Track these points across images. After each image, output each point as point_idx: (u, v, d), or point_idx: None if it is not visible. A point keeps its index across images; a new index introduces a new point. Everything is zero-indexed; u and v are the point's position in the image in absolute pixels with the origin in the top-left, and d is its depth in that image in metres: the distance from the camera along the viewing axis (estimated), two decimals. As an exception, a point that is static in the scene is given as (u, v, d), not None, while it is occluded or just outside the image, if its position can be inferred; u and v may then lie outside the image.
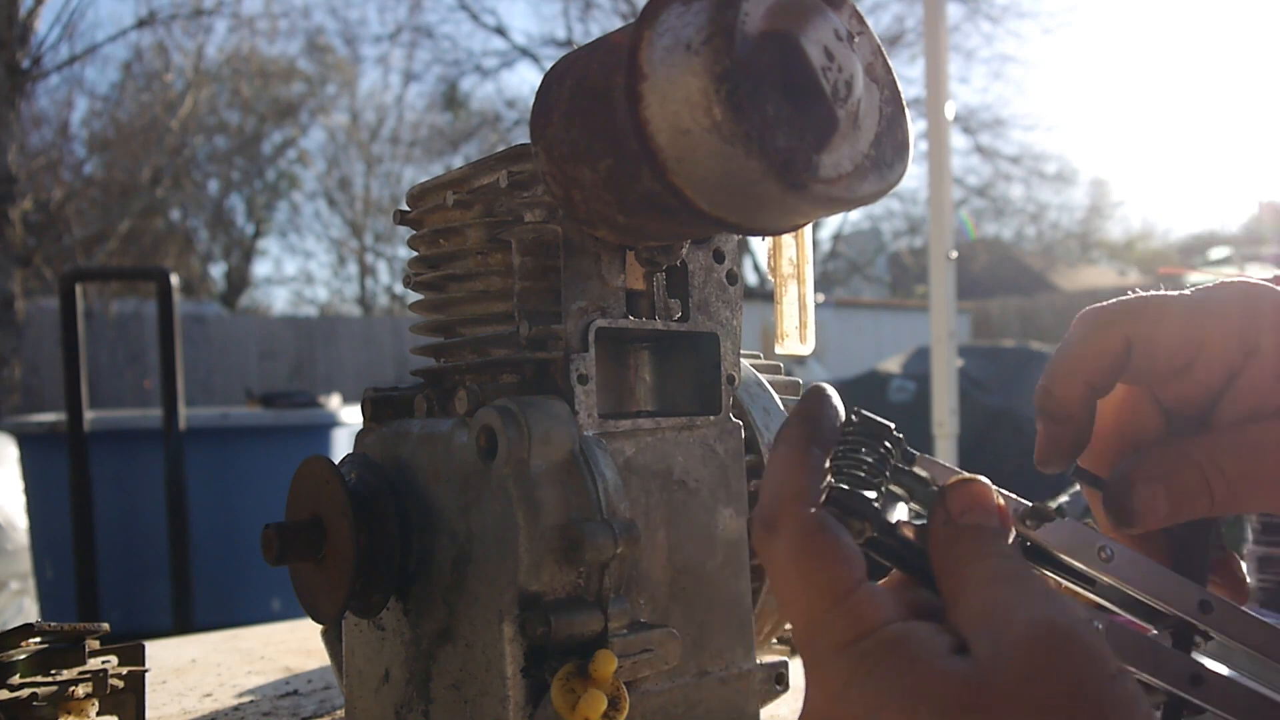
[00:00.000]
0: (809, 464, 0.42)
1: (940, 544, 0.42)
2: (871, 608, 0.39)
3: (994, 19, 20.46)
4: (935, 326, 3.25)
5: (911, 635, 0.38)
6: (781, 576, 0.41)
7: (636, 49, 0.51)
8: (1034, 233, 23.45)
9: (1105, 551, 0.44)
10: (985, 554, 0.40)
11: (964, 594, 0.39)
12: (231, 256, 18.23)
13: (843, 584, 0.40)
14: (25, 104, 9.04)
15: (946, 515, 0.42)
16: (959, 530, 0.42)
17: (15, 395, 7.67)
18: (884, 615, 0.39)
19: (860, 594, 0.39)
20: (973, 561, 0.40)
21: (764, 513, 0.42)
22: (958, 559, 0.41)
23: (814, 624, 0.40)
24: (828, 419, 0.44)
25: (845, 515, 0.42)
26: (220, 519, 3.97)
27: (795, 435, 0.43)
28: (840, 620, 0.39)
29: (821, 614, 0.40)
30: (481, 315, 0.69)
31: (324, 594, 0.68)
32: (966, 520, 0.42)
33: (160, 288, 3.40)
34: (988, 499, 0.43)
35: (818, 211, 0.54)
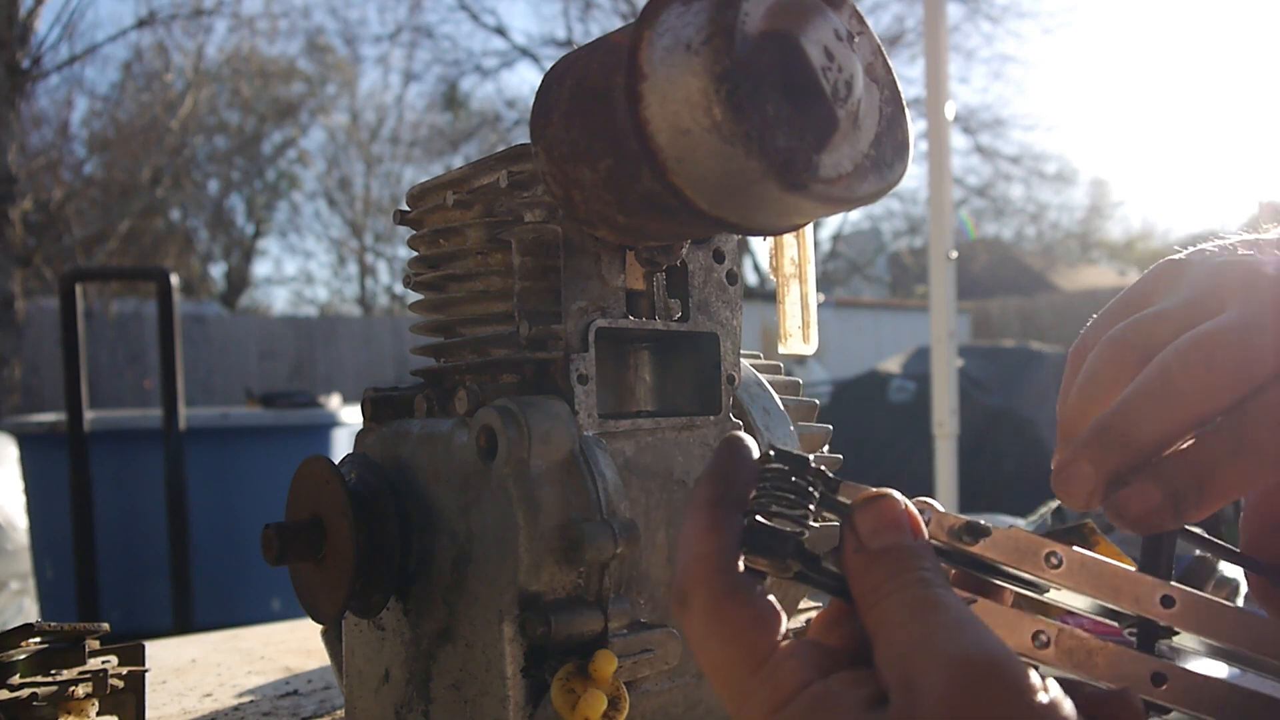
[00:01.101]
0: (717, 526, 0.41)
1: (855, 574, 0.40)
2: (788, 672, 0.38)
3: (994, 19, 20.49)
4: (935, 326, 3.25)
5: (829, 695, 0.37)
6: (700, 649, 0.40)
7: (636, 49, 0.51)
8: (1034, 233, 23.48)
9: (1054, 558, 0.43)
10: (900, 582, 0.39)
11: (881, 632, 0.38)
12: (231, 256, 18.24)
13: (759, 651, 0.39)
14: (25, 104, 9.05)
15: (857, 540, 0.41)
16: (871, 556, 0.40)
17: (15, 395, 7.67)
18: (801, 678, 0.38)
19: (776, 659, 0.38)
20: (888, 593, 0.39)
21: (676, 586, 0.41)
22: (873, 590, 0.39)
23: (736, 695, 0.39)
24: (737, 473, 0.42)
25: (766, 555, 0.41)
26: (220, 519, 3.97)
27: (701, 497, 0.42)
28: (760, 689, 0.38)
29: (742, 684, 0.39)
30: (481, 315, 0.69)
31: (324, 594, 0.68)
32: (877, 543, 0.40)
33: (160, 288, 3.40)
34: (896, 515, 0.41)
35: (818, 211, 0.54)
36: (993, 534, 0.43)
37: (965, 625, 0.36)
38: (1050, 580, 0.43)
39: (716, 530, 0.41)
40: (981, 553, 0.43)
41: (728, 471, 0.42)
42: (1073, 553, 0.43)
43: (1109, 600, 0.43)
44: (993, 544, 0.43)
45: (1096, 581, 0.43)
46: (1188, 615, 0.43)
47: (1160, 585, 0.43)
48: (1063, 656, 0.42)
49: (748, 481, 0.42)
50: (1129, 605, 0.43)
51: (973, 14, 16.88)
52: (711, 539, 0.41)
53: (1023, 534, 0.43)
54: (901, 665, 0.36)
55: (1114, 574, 0.43)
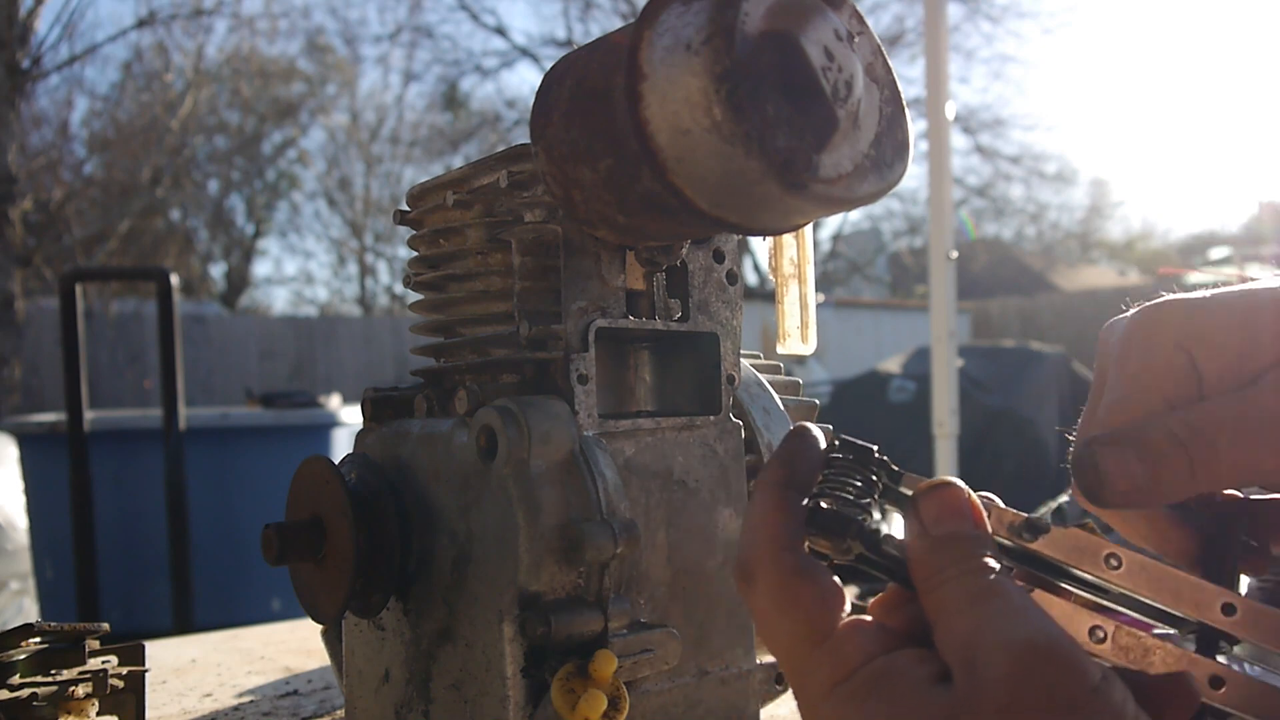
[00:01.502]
0: (784, 507, 0.42)
1: (917, 559, 0.41)
2: (853, 647, 0.39)
3: (994, 19, 20.48)
4: (935, 326, 3.25)
5: (893, 670, 0.38)
6: (764, 625, 0.41)
7: (636, 49, 0.51)
8: (1034, 233, 23.47)
9: (1114, 560, 0.43)
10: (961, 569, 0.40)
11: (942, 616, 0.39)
12: (231, 256, 18.24)
13: (823, 627, 0.40)
14: (25, 104, 9.04)
15: (920, 527, 0.42)
16: (934, 543, 0.41)
17: (15, 395, 7.67)
18: (866, 652, 0.39)
19: (841, 634, 0.39)
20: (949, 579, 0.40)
21: (741, 562, 0.42)
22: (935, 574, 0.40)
23: (800, 669, 0.40)
24: (804, 458, 0.44)
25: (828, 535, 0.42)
26: (220, 519, 3.97)
27: (770, 479, 0.43)
28: (824, 663, 0.39)
29: (805, 658, 0.40)
30: (481, 315, 0.69)
31: (324, 594, 0.68)
32: (940, 530, 0.41)
33: (160, 288, 3.40)
34: (960, 504, 0.42)
35: (818, 211, 0.54)
36: (1052, 532, 0.43)
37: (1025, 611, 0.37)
38: (1110, 581, 0.43)
39: (783, 510, 0.42)
40: (1040, 550, 0.43)
41: (795, 456, 0.44)
42: (1133, 555, 0.43)
43: (1169, 605, 0.43)
44: (1051, 542, 0.43)
45: (1157, 585, 0.43)
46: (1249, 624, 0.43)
47: (1222, 593, 0.43)
48: (1119, 653, 0.42)
49: (813, 467, 0.44)
50: (1189, 610, 0.43)
51: (973, 14, 16.88)
52: (778, 518, 0.42)
53: (1082, 534, 0.43)
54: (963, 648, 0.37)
55: (1175, 578, 0.43)
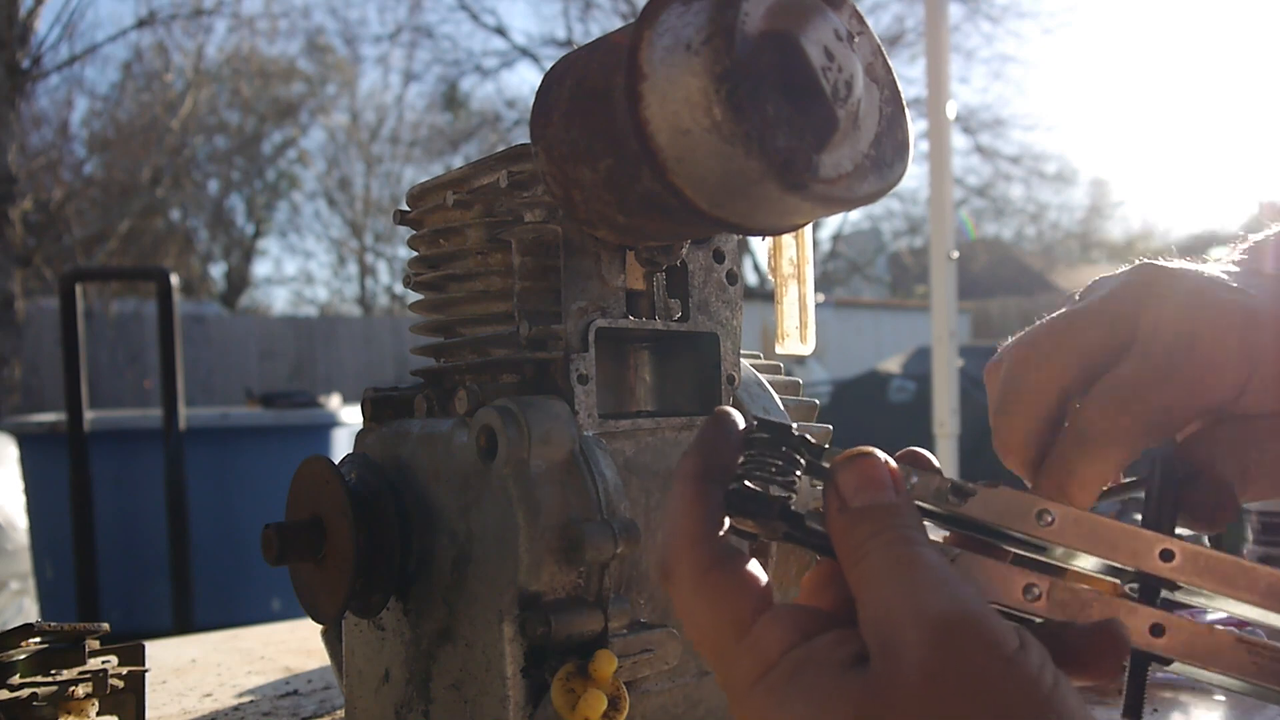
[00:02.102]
0: (699, 499, 0.42)
1: (838, 533, 0.41)
2: (773, 637, 0.38)
3: (994, 19, 20.48)
4: (936, 326, 3.25)
5: (810, 659, 0.37)
6: (687, 619, 0.41)
7: (636, 49, 0.51)
8: (1034, 233, 23.46)
9: (1047, 515, 0.43)
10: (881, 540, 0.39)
11: (863, 591, 0.39)
12: (231, 256, 18.24)
13: (743, 618, 0.39)
14: (25, 104, 9.05)
15: (839, 500, 0.41)
16: (853, 515, 0.40)
17: (15, 395, 7.67)
18: (786, 641, 0.38)
19: (761, 625, 0.39)
20: (870, 551, 0.39)
21: (660, 560, 0.42)
22: (856, 548, 0.40)
23: (724, 664, 0.40)
24: (720, 445, 0.43)
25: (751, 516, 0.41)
26: (220, 519, 3.97)
27: (685, 471, 0.43)
28: (745, 656, 0.39)
29: (728, 653, 0.39)
30: (481, 315, 0.69)
31: (324, 594, 0.68)
32: (859, 501, 0.41)
33: (160, 288, 3.40)
34: (878, 473, 0.41)
35: (818, 211, 0.54)
36: (979, 493, 0.43)
37: (942, 583, 0.37)
38: (1044, 538, 0.43)
39: (699, 503, 0.41)
40: (970, 513, 0.43)
41: (711, 445, 0.43)
42: (1066, 509, 0.43)
43: (1106, 556, 0.43)
44: (981, 503, 0.43)
45: (1092, 537, 0.43)
46: (1188, 568, 0.42)
47: (1159, 539, 0.43)
48: (1055, 609, 0.42)
49: (732, 454, 0.43)
50: (1127, 560, 0.43)
51: (973, 14, 16.88)
52: (693, 511, 0.41)
53: (1012, 492, 0.43)
54: (880, 626, 0.37)
55: (1110, 529, 0.43)
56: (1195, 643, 0.42)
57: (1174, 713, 0.80)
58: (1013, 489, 0.43)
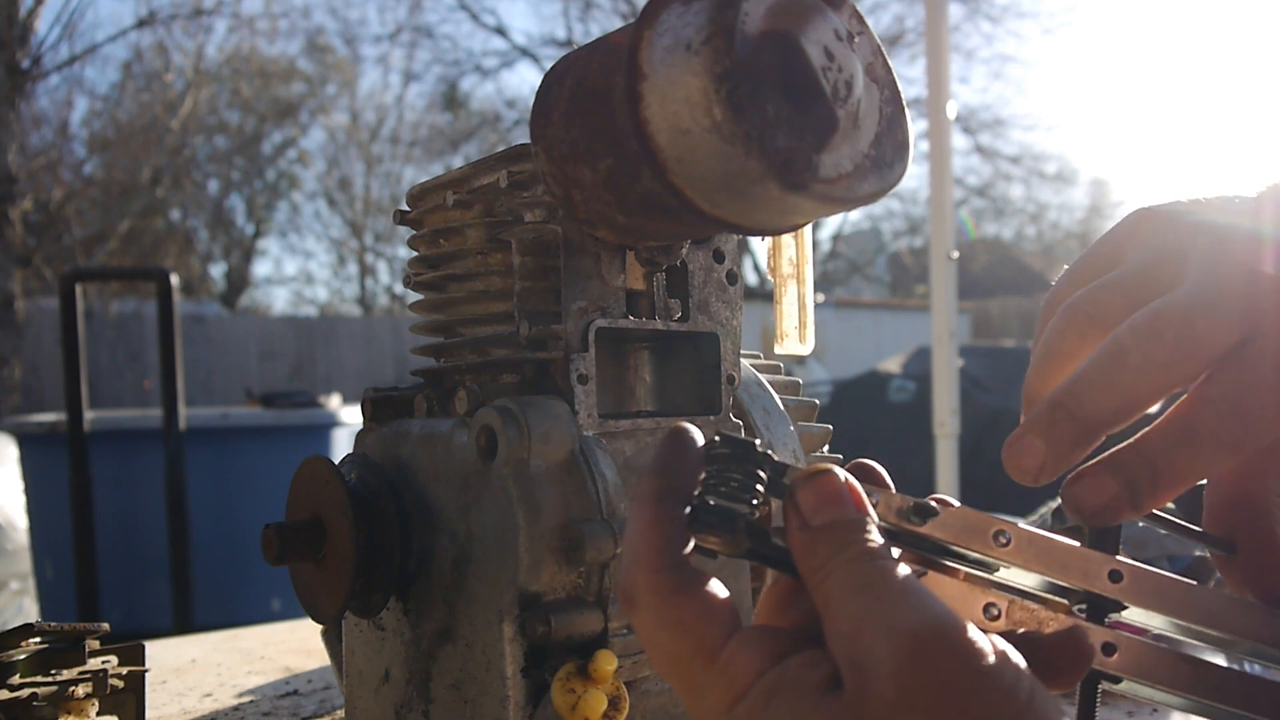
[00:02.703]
0: (659, 521, 0.40)
1: (800, 552, 0.40)
2: (743, 663, 0.37)
3: (994, 19, 20.46)
4: (936, 327, 3.24)
5: (783, 683, 0.36)
6: (652, 648, 0.40)
7: (636, 49, 0.51)
8: (1034, 233, 23.46)
9: (1002, 536, 0.43)
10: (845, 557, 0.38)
11: (829, 610, 0.38)
12: (231, 256, 18.24)
13: (709, 644, 0.38)
14: (25, 104, 9.05)
15: (800, 518, 0.40)
16: (814, 533, 0.40)
17: (15, 395, 7.67)
18: (757, 666, 0.37)
19: (729, 651, 0.38)
20: (833, 570, 0.38)
21: (621, 586, 0.40)
22: (819, 568, 0.39)
23: (693, 691, 0.38)
24: (679, 463, 0.42)
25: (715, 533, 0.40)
26: (220, 519, 3.97)
27: (643, 491, 0.41)
28: (715, 684, 0.38)
29: (697, 679, 0.38)
30: (481, 315, 0.69)
31: (324, 594, 0.68)
32: (820, 519, 0.40)
33: (160, 288, 3.40)
34: (837, 490, 0.41)
35: (818, 211, 0.54)
36: (940, 514, 0.43)
37: (909, 596, 0.36)
38: (999, 559, 0.43)
39: (659, 525, 0.40)
40: (929, 533, 0.43)
41: (670, 464, 0.42)
42: (1021, 530, 0.43)
43: (1057, 576, 0.43)
44: (941, 524, 0.43)
45: (1045, 558, 0.43)
46: (1136, 589, 0.43)
47: (1108, 560, 0.43)
48: (1014, 628, 0.43)
49: (691, 472, 0.42)
50: (1077, 580, 0.43)
51: (973, 14, 16.87)
52: (653, 535, 0.40)
53: (971, 512, 0.43)
54: (850, 643, 0.36)
55: (1062, 550, 0.43)
56: (1144, 661, 0.42)
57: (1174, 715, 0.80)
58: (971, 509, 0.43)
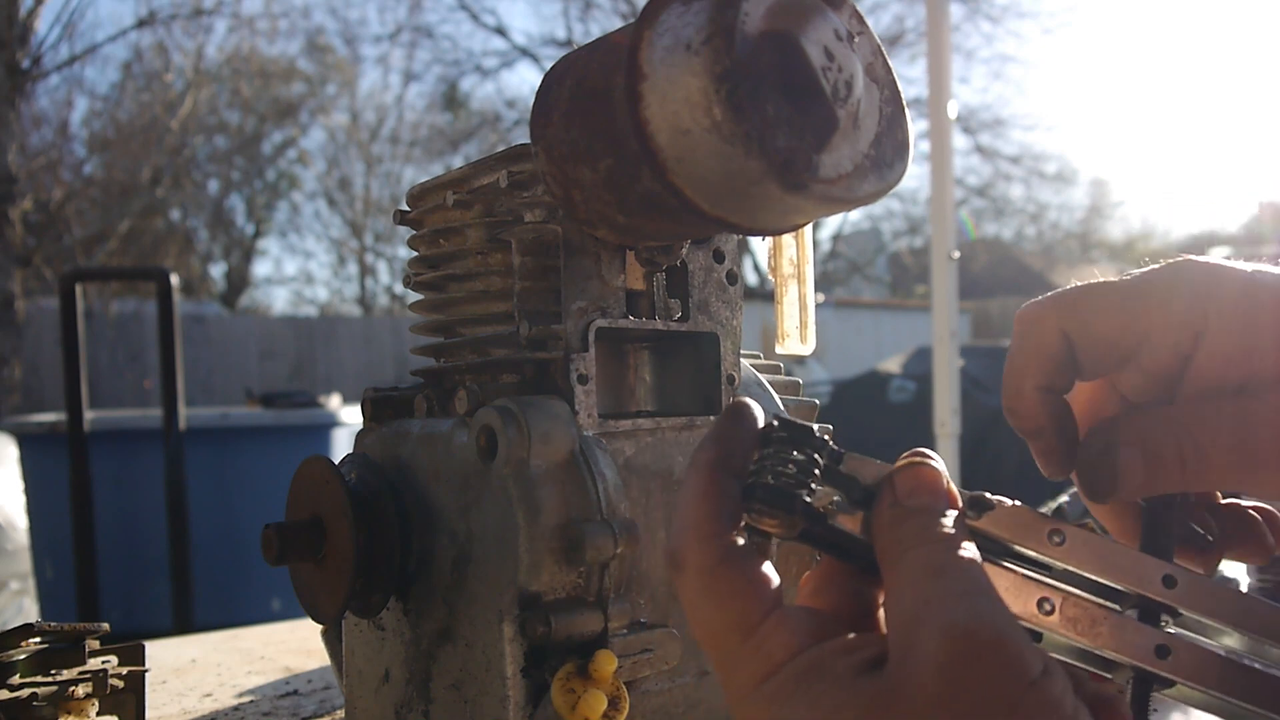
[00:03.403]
0: (714, 491, 0.41)
1: (884, 527, 0.41)
2: (780, 640, 0.38)
3: (994, 19, 20.44)
4: (937, 326, 3.24)
5: (819, 664, 0.37)
6: (692, 614, 0.40)
7: (636, 49, 0.51)
8: (1034, 233, 23.46)
9: (1057, 536, 0.43)
10: (925, 539, 0.39)
11: (898, 587, 0.38)
12: (231, 256, 18.24)
13: (750, 618, 0.38)
14: (25, 104, 9.05)
15: (893, 497, 0.41)
16: (904, 513, 0.40)
17: (15, 395, 7.67)
18: (794, 645, 0.38)
19: (768, 627, 0.38)
20: (912, 547, 0.39)
21: (671, 550, 0.41)
22: (899, 543, 0.39)
23: (728, 662, 0.39)
24: (738, 437, 0.42)
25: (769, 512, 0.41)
26: (220, 519, 3.97)
27: (701, 461, 0.42)
28: (751, 657, 0.38)
29: (733, 652, 0.39)
30: (481, 315, 0.69)
31: (324, 594, 0.68)
32: (912, 502, 0.41)
33: (160, 288, 3.41)
34: (936, 481, 0.42)
35: (818, 211, 0.54)
36: (996, 509, 0.43)
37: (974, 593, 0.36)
38: (1054, 558, 0.43)
39: (713, 495, 0.41)
40: (985, 527, 0.43)
41: (729, 436, 0.42)
42: (1076, 530, 0.43)
43: (1111, 579, 0.43)
44: (996, 519, 0.43)
45: (1099, 560, 0.43)
46: (1190, 596, 0.43)
47: (1163, 565, 0.43)
48: (1067, 624, 0.42)
49: (748, 446, 0.42)
50: (1131, 584, 0.43)
51: (973, 14, 16.87)
52: (707, 503, 0.40)
53: (1026, 511, 0.43)
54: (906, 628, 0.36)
55: (1117, 553, 0.43)
56: (1199, 666, 0.42)
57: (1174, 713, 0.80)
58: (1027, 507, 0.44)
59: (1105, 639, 0.42)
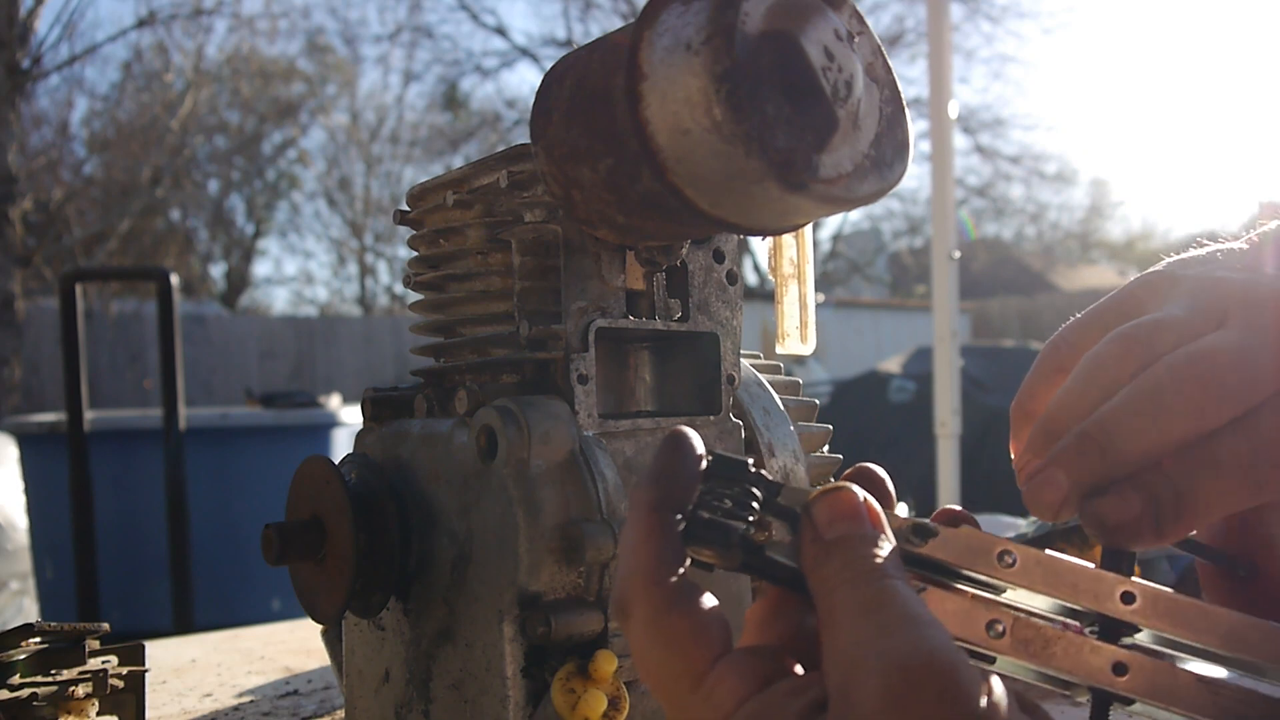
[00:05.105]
0: (657, 532, 0.39)
1: (811, 565, 0.39)
2: (727, 689, 0.37)
3: (994, 19, 20.40)
4: (938, 326, 3.24)
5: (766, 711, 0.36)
6: (641, 663, 0.39)
7: (636, 49, 0.51)
8: (1034, 233, 23.47)
9: (1008, 557, 0.42)
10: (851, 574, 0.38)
11: (829, 629, 0.37)
12: (231, 256, 18.24)
13: (697, 666, 0.38)
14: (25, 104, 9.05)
15: (814, 531, 0.40)
16: (826, 547, 0.39)
17: (15, 395, 7.67)
18: (740, 692, 0.37)
19: (715, 675, 0.37)
20: (840, 584, 0.38)
21: (616, 597, 0.40)
22: (827, 581, 0.38)
23: (678, 711, 0.38)
24: (679, 474, 0.41)
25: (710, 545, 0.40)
26: (220, 519, 3.97)
27: (641, 501, 0.40)
28: (699, 708, 0.37)
29: (682, 700, 0.38)
30: (481, 315, 0.69)
31: (324, 594, 0.68)
32: (834, 533, 0.39)
33: (160, 288, 3.40)
34: (854, 506, 0.40)
35: (818, 211, 0.54)
36: (941, 534, 0.42)
37: (910, 623, 0.35)
38: (1005, 580, 0.42)
39: (655, 537, 0.39)
40: (930, 554, 0.42)
41: (667, 473, 0.41)
42: (1028, 550, 0.42)
43: (1067, 598, 0.42)
44: (942, 544, 0.42)
45: (1053, 579, 0.42)
46: (1149, 611, 0.42)
47: (1120, 581, 0.42)
48: (1019, 647, 0.41)
49: (690, 482, 0.41)
50: (1088, 602, 0.42)
51: (973, 14, 16.86)
52: (651, 546, 0.39)
53: (974, 533, 0.42)
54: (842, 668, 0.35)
55: (1071, 571, 0.42)
56: (1157, 682, 0.41)
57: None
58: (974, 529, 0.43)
59: (1059, 660, 0.41)
